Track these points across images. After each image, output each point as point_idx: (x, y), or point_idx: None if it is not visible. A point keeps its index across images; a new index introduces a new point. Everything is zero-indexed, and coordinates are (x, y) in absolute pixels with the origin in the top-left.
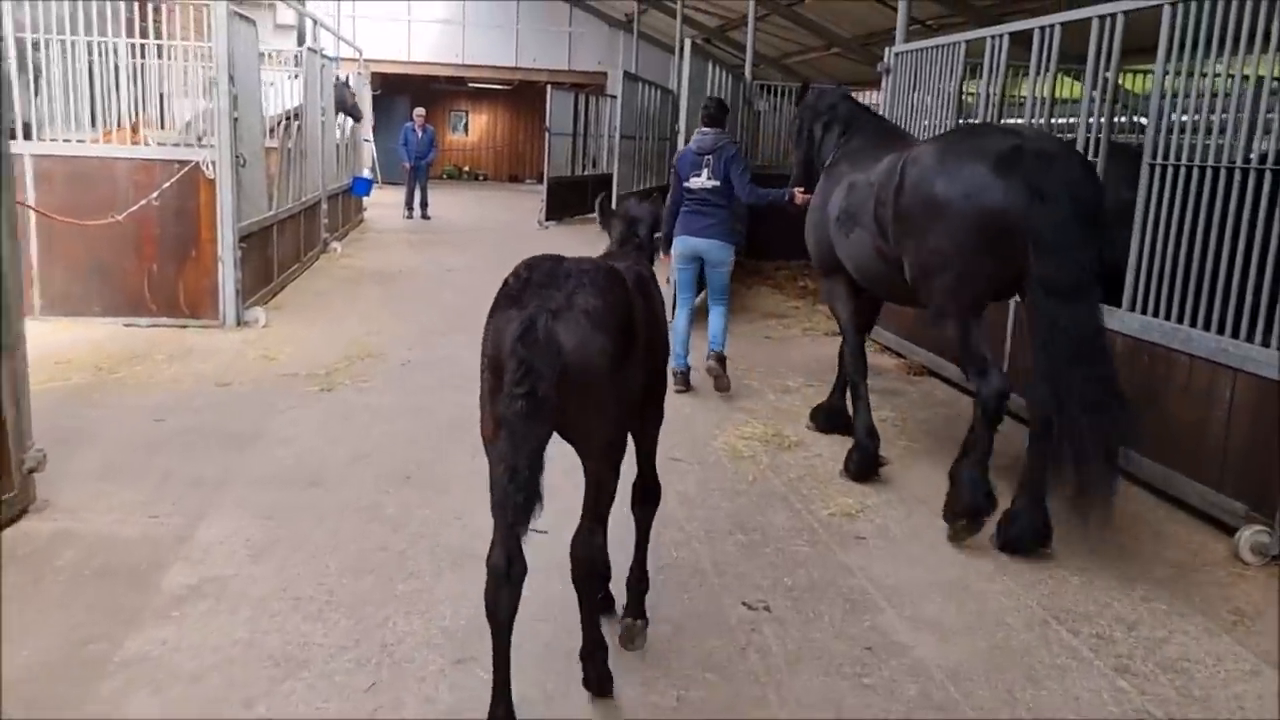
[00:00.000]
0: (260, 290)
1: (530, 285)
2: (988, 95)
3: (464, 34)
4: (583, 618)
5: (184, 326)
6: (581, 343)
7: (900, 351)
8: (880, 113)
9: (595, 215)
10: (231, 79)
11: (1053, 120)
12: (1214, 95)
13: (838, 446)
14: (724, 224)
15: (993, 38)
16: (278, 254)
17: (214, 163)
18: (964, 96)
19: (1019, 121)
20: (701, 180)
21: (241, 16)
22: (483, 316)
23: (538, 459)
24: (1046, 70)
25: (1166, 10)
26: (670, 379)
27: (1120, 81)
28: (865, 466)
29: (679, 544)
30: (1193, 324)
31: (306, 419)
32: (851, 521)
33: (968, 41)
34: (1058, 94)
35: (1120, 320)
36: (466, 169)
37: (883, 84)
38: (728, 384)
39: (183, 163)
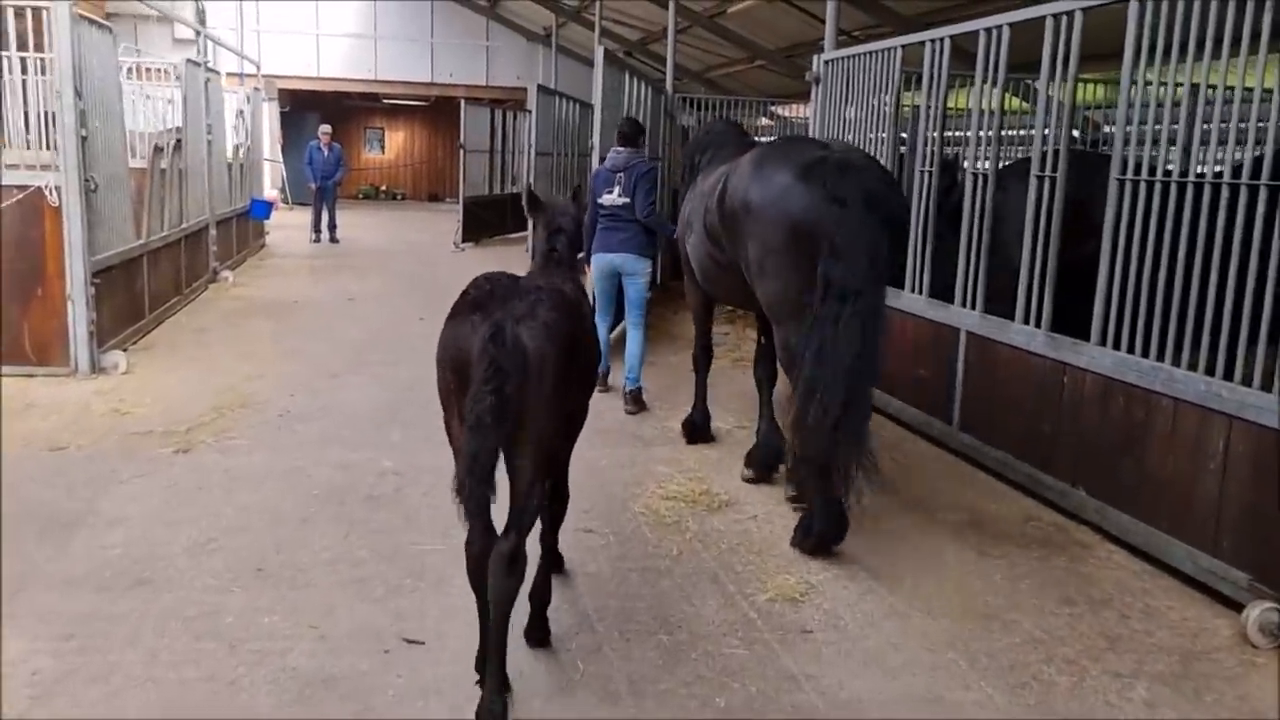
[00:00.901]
0: (125, 330)
1: (494, 296)
2: (928, 107)
3: (376, 48)
4: (493, 631)
5: (30, 376)
6: (541, 349)
7: None
8: (810, 126)
9: (514, 236)
10: (78, 92)
11: (1002, 132)
12: (1199, 103)
13: (773, 504)
14: (637, 237)
15: (932, 42)
16: (150, 287)
17: (58, 187)
18: (901, 107)
19: (964, 135)
20: (613, 197)
21: (93, 22)
22: (385, 352)
23: (495, 453)
24: (994, 78)
25: (1133, 7)
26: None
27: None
28: (698, 433)
29: (589, 651)
30: (1176, 363)
31: (150, 491)
32: (795, 608)
33: (904, 47)
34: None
35: (1089, 356)
36: (384, 188)
37: (812, 95)
38: (642, 408)
39: (21, 188)
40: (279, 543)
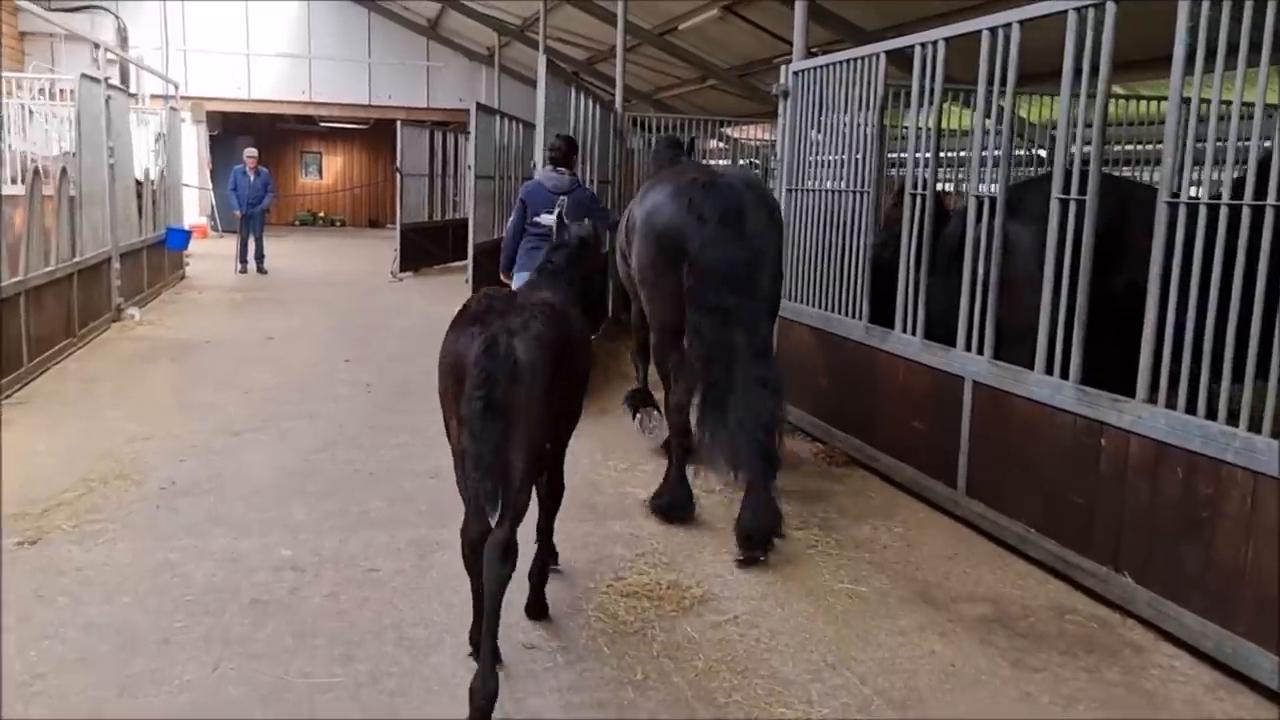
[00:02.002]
0: None
1: (491, 310)
2: (918, 127)
3: (310, 69)
4: (487, 614)
5: None
6: (532, 359)
7: (814, 434)
8: (780, 146)
9: (455, 265)
10: None
11: (1015, 151)
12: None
13: (755, 598)
14: None
15: (923, 46)
16: (30, 331)
17: None
18: (883, 124)
19: (963, 155)
20: (551, 219)
21: None
22: (301, 403)
23: (501, 450)
24: (1001, 88)
25: (1183, 5)
26: None
27: (1018, 108)
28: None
29: None
30: (1254, 428)
31: None
32: None
33: (889, 52)
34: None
35: (1135, 416)
36: (321, 214)
37: (780, 110)
38: None
39: None
40: (124, 680)
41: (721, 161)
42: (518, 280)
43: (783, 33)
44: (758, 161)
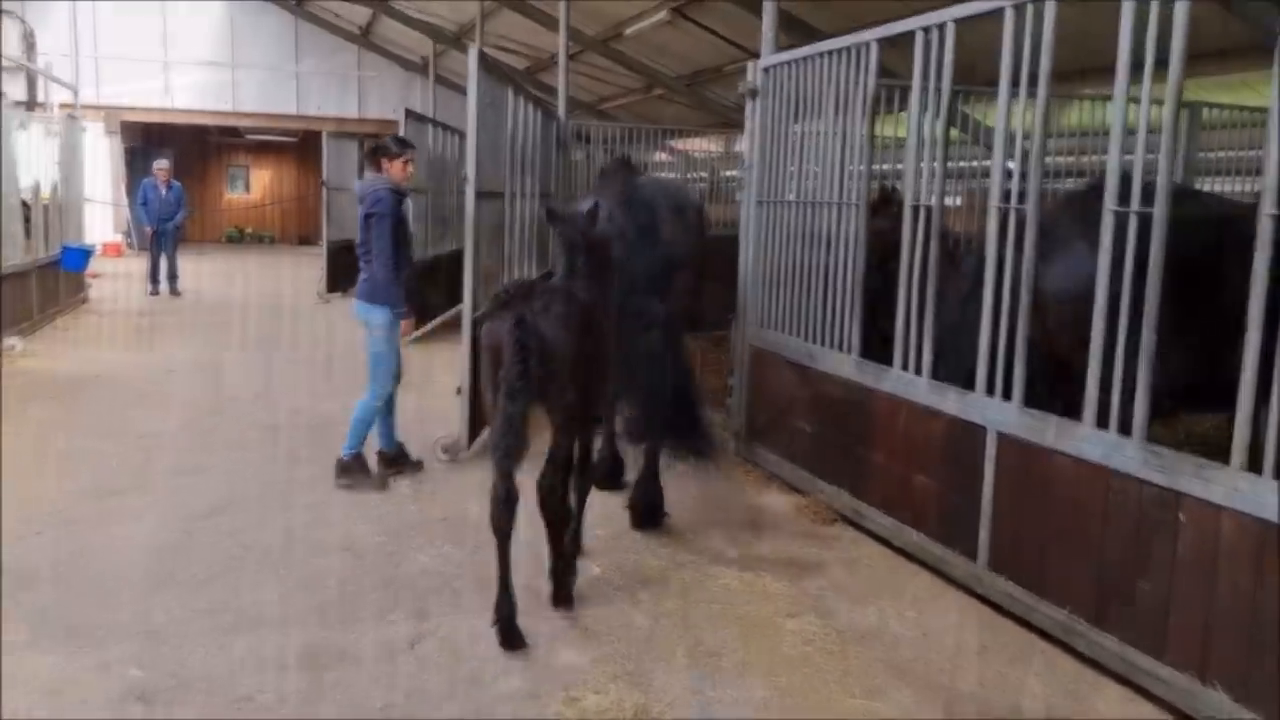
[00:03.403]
0: None
1: (516, 297)
2: (921, 134)
3: (234, 77)
4: (550, 539)
5: None
6: (554, 334)
7: (797, 485)
8: (748, 153)
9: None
10: None
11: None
12: None
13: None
14: (369, 281)
15: (925, 31)
16: None
17: None
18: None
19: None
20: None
21: None
22: (194, 453)
23: (527, 412)
24: (1029, 86)
25: None
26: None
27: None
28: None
29: None
30: None
31: None
32: None
33: (881, 41)
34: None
35: (1231, 489)
36: (249, 231)
37: (747, 113)
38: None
39: None
40: None
41: (667, 174)
42: (357, 308)
43: (736, 37)
44: (705, 175)
